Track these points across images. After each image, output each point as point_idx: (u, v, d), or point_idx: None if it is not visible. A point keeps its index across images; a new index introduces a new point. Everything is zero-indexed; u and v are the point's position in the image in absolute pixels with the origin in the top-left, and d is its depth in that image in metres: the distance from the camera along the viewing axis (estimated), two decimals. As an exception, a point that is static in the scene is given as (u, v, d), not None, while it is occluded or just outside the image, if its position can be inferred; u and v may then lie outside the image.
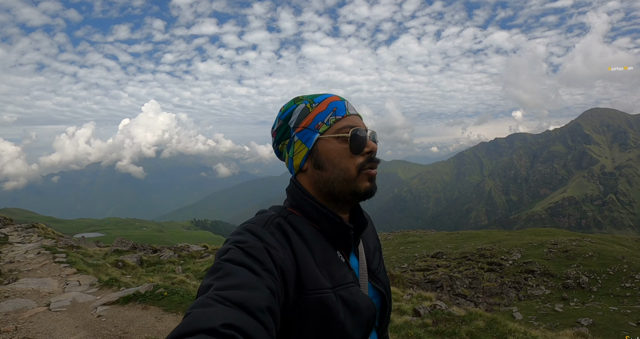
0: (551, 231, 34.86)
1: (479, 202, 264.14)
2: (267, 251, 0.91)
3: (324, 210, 1.06)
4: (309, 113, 1.10)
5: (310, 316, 0.95)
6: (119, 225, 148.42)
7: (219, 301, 0.74)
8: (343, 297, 1.00)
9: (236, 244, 0.92)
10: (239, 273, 0.83)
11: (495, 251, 23.98)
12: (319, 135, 1.08)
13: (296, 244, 1.00)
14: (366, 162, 1.07)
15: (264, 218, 1.04)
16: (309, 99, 1.13)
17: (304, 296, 0.95)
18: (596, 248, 21.96)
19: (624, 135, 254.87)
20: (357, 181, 1.07)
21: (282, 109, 1.15)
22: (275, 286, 0.86)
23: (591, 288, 17.27)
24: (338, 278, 1.02)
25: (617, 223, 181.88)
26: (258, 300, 0.78)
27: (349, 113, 1.10)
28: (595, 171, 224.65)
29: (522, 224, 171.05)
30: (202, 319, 0.69)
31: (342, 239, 1.09)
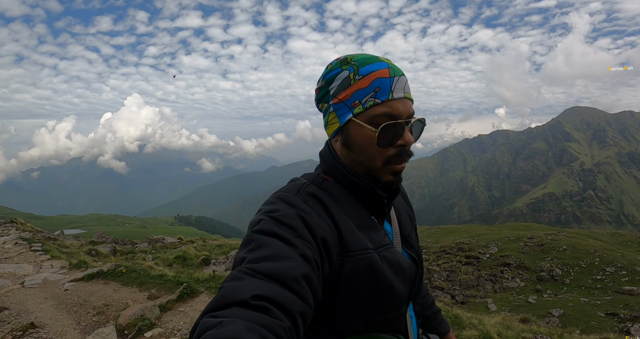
0: (529, 226, 35.67)
1: (462, 198, 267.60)
2: (300, 218, 0.90)
3: (355, 180, 1.04)
4: (350, 86, 1.02)
5: (358, 277, 0.94)
6: (101, 221, 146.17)
7: (250, 274, 0.75)
8: (386, 257, 0.99)
9: (268, 213, 0.91)
10: (271, 243, 0.82)
11: (474, 245, 24.47)
12: (351, 116, 1.01)
13: (333, 209, 0.99)
14: (395, 156, 1.01)
15: (295, 186, 1.03)
16: (355, 67, 1.02)
17: (349, 258, 0.94)
18: (570, 242, 22.58)
19: (603, 133, 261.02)
20: (381, 173, 1.03)
21: (328, 67, 1.08)
22: (311, 253, 0.84)
23: (564, 281, 17.81)
24: (378, 240, 1.02)
25: (596, 218, 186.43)
26: (291, 270, 0.77)
27: (392, 98, 0.99)
28: (574, 168, 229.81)
29: (504, 219, 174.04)
30: (234, 292, 0.70)
31: (376, 206, 1.07)
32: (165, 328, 4.27)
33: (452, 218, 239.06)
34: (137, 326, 4.07)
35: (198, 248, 11.17)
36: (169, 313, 4.73)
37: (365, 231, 1.01)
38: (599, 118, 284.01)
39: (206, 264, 8.65)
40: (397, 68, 1.03)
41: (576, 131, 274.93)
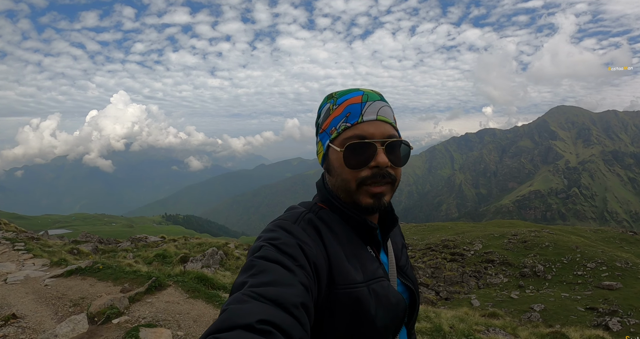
0: (514, 223, 36.18)
1: (449, 195, 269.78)
2: (299, 248, 0.92)
3: (348, 212, 1.07)
4: (329, 116, 1.09)
5: (341, 310, 0.96)
6: (87, 220, 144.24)
7: (254, 298, 0.76)
8: (375, 291, 1.00)
9: (269, 241, 0.93)
10: (273, 270, 0.84)
11: (458, 242, 24.74)
12: (328, 142, 1.08)
13: (327, 240, 1.01)
14: (369, 177, 1.02)
15: (295, 214, 1.05)
16: (335, 98, 1.10)
17: (335, 291, 0.96)
18: (553, 238, 22.94)
19: (587, 132, 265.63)
20: (358, 195, 1.04)
21: (321, 103, 1.16)
22: (308, 282, 0.87)
23: (546, 276, 18.11)
24: (370, 272, 1.03)
25: (580, 215, 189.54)
26: (292, 296, 0.79)
27: (362, 120, 1.03)
28: (560, 166, 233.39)
29: (491, 216, 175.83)
30: (239, 315, 0.71)
31: (370, 237, 1.10)
32: (132, 316, 4.71)
33: (439, 215, 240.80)
34: (106, 314, 4.58)
35: (179, 247, 11.40)
36: (137, 303, 5.15)
37: (358, 262, 1.02)
38: (583, 117, 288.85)
39: (184, 261, 8.86)
40: (373, 94, 1.08)
41: (561, 129, 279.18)
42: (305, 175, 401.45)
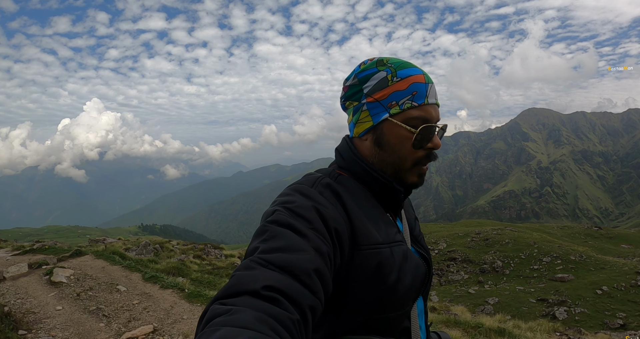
0: (481, 222, 37.12)
1: (427, 197, 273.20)
2: (315, 210, 0.90)
3: (375, 174, 1.05)
4: (387, 87, 1.03)
5: (365, 272, 0.94)
6: (60, 233, 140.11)
7: (262, 265, 0.74)
8: (397, 253, 0.99)
9: (283, 204, 0.91)
10: (284, 235, 0.82)
11: (424, 242, 25.33)
12: (388, 116, 1.03)
13: (348, 202, 0.99)
14: (424, 158, 1.05)
15: (311, 179, 1.04)
16: (392, 69, 1.04)
17: (358, 252, 0.94)
18: (513, 235, 23.79)
19: (557, 132, 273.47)
20: (408, 173, 1.06)
21: (362, 66, 1.08)
22: (324, 246, 0.84)
23: (504, 271, 18.81)
24: (390, 235, 1.02)
25: (553, 213, 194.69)
26: (303, 262, 0.76)
27: (427, 103, 1.03)
28: (532, 166, 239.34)
29: (468, 217, 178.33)
30: (245, 281, 0.70)
31: (392, 201, 1.09)
32: (54, 265, 7.53)
33: (418, 217, 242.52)
34: (39, 263, 7.72)
35: (126, 244, 12.74)
36: (62, 261, 8.19)
37: (379, 226, 1.01)
38: (553, 118, 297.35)
39: (125, 251, 10.44)
40: (429, 76, 1.07)
41: (533, 131, 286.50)
42: (284, 182, 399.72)
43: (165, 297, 5.73)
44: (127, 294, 5.80)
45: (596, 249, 24.57)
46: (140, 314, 4.99)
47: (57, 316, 4.81)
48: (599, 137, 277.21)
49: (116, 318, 4.86)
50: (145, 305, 5.36)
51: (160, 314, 5.02)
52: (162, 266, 8.45)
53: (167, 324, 4.69)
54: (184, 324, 4.68)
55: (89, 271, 7.18)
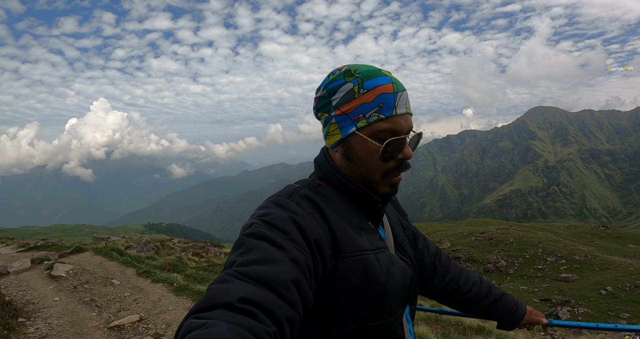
0: (486, 222, 36.94)
1: (432, 197, 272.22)
2: (292, 221, 0.90)
3: (350, 185, 1.05)
4: (354, 100, 1.02)
5: (351, 279, 0.93)
6: (67, 231, 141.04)
7: (238, 277, 0.74)
8: (382, 259, 0.99)
9: (260, 217, 0.91)
10: (260, 247, 0.82)
11: (428, 241, 25.28)
12: (355, 129, 1.02)
13: (327, 211, 0.99)
14: (394, 169, 1.04)
15: (289, 190, 1.03)
16: (359, 80, 1.02)
17: (342, 260, 0.93)
18: (518, 235, 23.69)
19: (565, 131, 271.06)
20: (379, 185, 1.05)
21: (331, 77, 1.07)
22: (302, 256, 0.84)
23: (508, 271, 18.74)
24: (374, 242, 1.02)
25: (560, 212, 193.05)
26: (279, 274, 0.76)
27: (396, 114, 1.00)
28: (539, 165, 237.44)
29: (474, 216, 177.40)
30: (220, 294, 0.69)
31: (371, 210, 1.08)
32: (55, 261, 8.15)
33: (423, 216, 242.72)
34: (40, 259, 8.36)
35: (128, 242, 13.02)
36: (63, 257, 8.70)
37: (360, 233, 1.01)
38: (560, 117, 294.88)
39: (126, 249, 10.96)
40: (399, 83, 1.04)
41: (540, 129, 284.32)
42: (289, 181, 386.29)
43: (155, 290, 6.19)
44: (120, 288, 6.29)
45: (602, 249, 24.37)
46: (129, 305, 5.49)
47: (54, 306, 5.32)
48: (606, 135, 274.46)
49: (107, 308, 5.35)
50: (135, 297, 5.84)
51: (148, 305, 5.52)
52: (158, 263, 8.92)
53: (153, 314, 5.18)
54: (169, 315, 5.17)
55: (87, 267, 7.72)
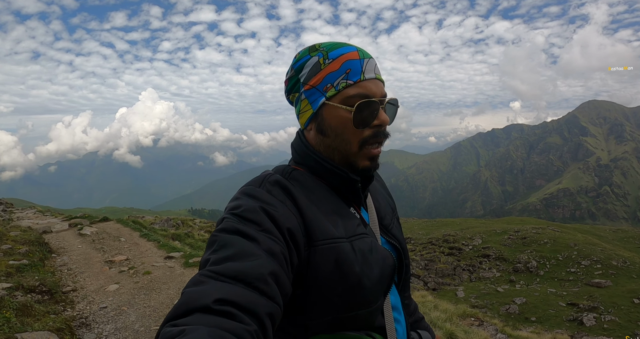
0: (524, 220, 35.83)
1: (474, 192, 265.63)
2: (263, 211, 0.86)
3: (328, 166, 1.01)
4: (320, 71, 1.00)
5: (323, 269, 0.90)
6: (116, 214, 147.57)
7: (212, 277, 0.71)
8: (359, 247, 0.95)
9: (230, 211, 0.88)
10: (233, 242, 0.79)
11: (459, 237, 24.97)
12: (324, 100, 0.99)
13: (300, 197, 0.95)
14: (371, 137, 0.99)
15: (260, 178, 1.00)
16: (324, 52, 1.00)
17: (314, 249, 0.90)
18: (554, 235, 22.88)
19: (620, 127, 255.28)
20: (357, 157, 1.01)
21: (296, 56, 1.05)
22: (278, 247, 0.81)
23: (538, 272, 18.21)
24: (350, 229, 0.97)
25: (611, 214, 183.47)
26: (255, 268, 0.73)
27: (364, 78, 0.98)
28: (590, 163, 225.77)
29: (517, 214, 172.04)
30: (195, 297, 0.66)
31: (350, 192, 1.04)
32: (85, 225, 10.48)
33: (464, 212, 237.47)
34: (76, 224, 10.77)
35: (155, 219, 16.15)
36: (93, 224, 10.97)
37: (336, 219, 0.97)
38: (616, 112, 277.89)
39: (151, 225, 13.50)
40: (365, 51, 1.02)
41: (592, 125, 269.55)
42: None
43: (146, 245, 8.49)
44: (124, 243, 8.67)
45: (647, 255, 23.11)
46: (124, 252, 7.86)
47: (76, 250, 7.86)
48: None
49: (109, 252, 7.75)
50: (130, 248, 8.24)
51: (136, 252, 7.84)
52: (167, 233, 11.21)
53: (137, 257, 7.43)
54: (146, 258, 7.35)
55: (107, 230, 10.18)
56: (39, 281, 5.06)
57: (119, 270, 6.39)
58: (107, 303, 4.94)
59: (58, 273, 6.13)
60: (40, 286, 4.95)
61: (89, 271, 6.35)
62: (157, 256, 7.37)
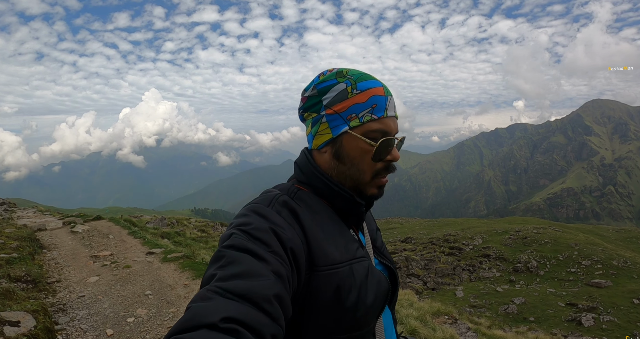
0: (526, 220, 35.71)
1: (478, 192, 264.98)
2: (273, 232, 0.87)
3: (336, 188, 1.03)
4: (347, 99, 1.02)
5: (324, 294, 0.92)
6: (119, 214, 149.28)
7: (220, 294, 0.71)
8: (357, 271, 0.97)
9: (239, 227, 0.88)
10: (242, 260, 0.79)
11: (459, 237, 24.92)
12: (347, 128, 1.02)
13: (305, 221, 0.97)
14: (383, 170, 1.05)
15: (269, 197, 1.00)
16: (352, 81, 1.03)
17: (316, 274, 0.92)
18: (555, 235, 22.80)
19: (624, 126, 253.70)
20: (367, 186, 1.05)
21: (321, 78, 1.07)
22: (284, 270, 0.82)
23: (538, 272, 18.16)
24: (351, 252, 1.00)
25: (615, 214, 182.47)
26: (263, 289, 0.74)
27: (387, 115, 1.03)
28: (594, 162, 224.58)
29: (521, 214, 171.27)
30: (202, 314, 0.66)
31: (354, 216, 1.07)
32: (78, 223, 10.68)
33: (467, 212, 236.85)
34: (69, 222, 10.90)
35: (151, 219, 16.38)
36: (86, 223, 11.18)
37: (338, 243, 0.99)
38: (620, 111, 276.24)
39: (146, 224, 13.69)
40: (388, 89, 1.06)
41: (596, 124, 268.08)
42: None
43: (132, 242, 8.94)
44: (112, 240, 9.10)
45: (648, 255, 22.96)
46: (110, 248, 8.23)
47: (66, 246, 8.27)
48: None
49: (96, 248, 8.11)
50: (117, 244, 8.64)
51: (121, 248, 8.21)
52: (157, 232, 11.53)
53: (121, 252, 7.82)
54: (129, 253, 7.72)
55: (99, 228, 10.57)
56: (25, 272, 5.51)
57: (102, 264, 6.88)
58: (86, 293, 5.35)
59: (46, 266, 6.57)
60: (26, 276, 5.41)
61: (75, 265, 6.82)
62: (140, 252, 7.87)
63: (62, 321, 4.33)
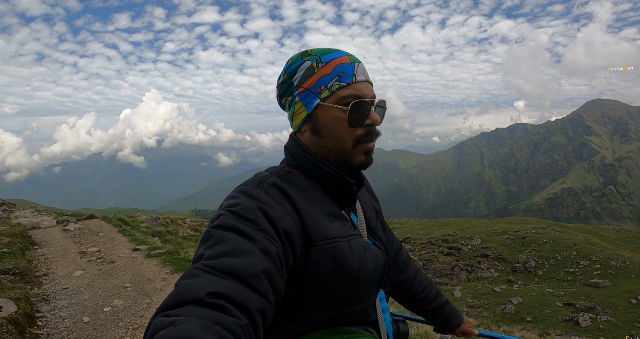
0: (525, 220, 35.64)
1: (478, 192, 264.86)
2: (261, 211, 0.88)
3: (325, 168, 1.05)
4: (314, 74, 1.04)
5: (323, 267, 0.93)
6: (120, 214, 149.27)
7: (207, 271, 0.72)
8: (354, 246, 0.99)
9: (228, 208, 0.90)
10: (230, 239, 0.80)
11: (458, 237, 24.90)
12: (319, 101, 1.03)
13: (297, 199, 0.98)
14: (364, 135, 1.04)
15: (257, 179, 1.02)
16: (316, 56, 1.05)
17: (313, 248, 0.93)
18: (553, 235, 22.77)
19: (625, 126, 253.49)
20: (352, 154, 1.05)
21: (289, 61, 1.09)
22: (273, 247, 0.83)
23: (537, 272, 18.14)
24: (345, 229, 1.01)
25: (616, 214, 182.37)
26: (250, 266, 0.75)
27: (356, 80, 1.03)
28: (595, 162, 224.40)
29: (521, 214, 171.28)
30: (189, 289, 0.67)
31: (344, 195, 1.08)
32: (71, 222, 11.08)
33: (468, 212, 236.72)
34: (62, 220, 11.30)
35: (147, 219, 16.93)
36: (79, 221, 11.62)
37: (332, 221, 1.00)
38: (620, 111, 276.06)
39: (141, 223, 13.77)
40: (355, 56, 1.07)
41: (597, 124, 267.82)
42: None
43: (119, 239, 9.27)
44: (101, 237, 9.43)
45: (648, 255, 22.92)
46: (98, 244, 8.54)
47: (57, 243, 8.59)
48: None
49: (85, 245, 8.46)
50: (105, 242, 8.96)
51: (109, 245, 8.53)
52: (148, 230, 12.09)
53: (108, 249, 8.12)
54: (116, 250, 8.06)
55: (91, 226, 10.98)
56: (14, 265, 5.82)
57: (89, 259, 7.20)
58: (69, 285, 5.64)
59: (35, 261, 6.92)
60: (14, 268, 5.71)
61: (63, 260, 7.17)
62: (126, 249, 8.22)
63: (44, 310, 4.68)
